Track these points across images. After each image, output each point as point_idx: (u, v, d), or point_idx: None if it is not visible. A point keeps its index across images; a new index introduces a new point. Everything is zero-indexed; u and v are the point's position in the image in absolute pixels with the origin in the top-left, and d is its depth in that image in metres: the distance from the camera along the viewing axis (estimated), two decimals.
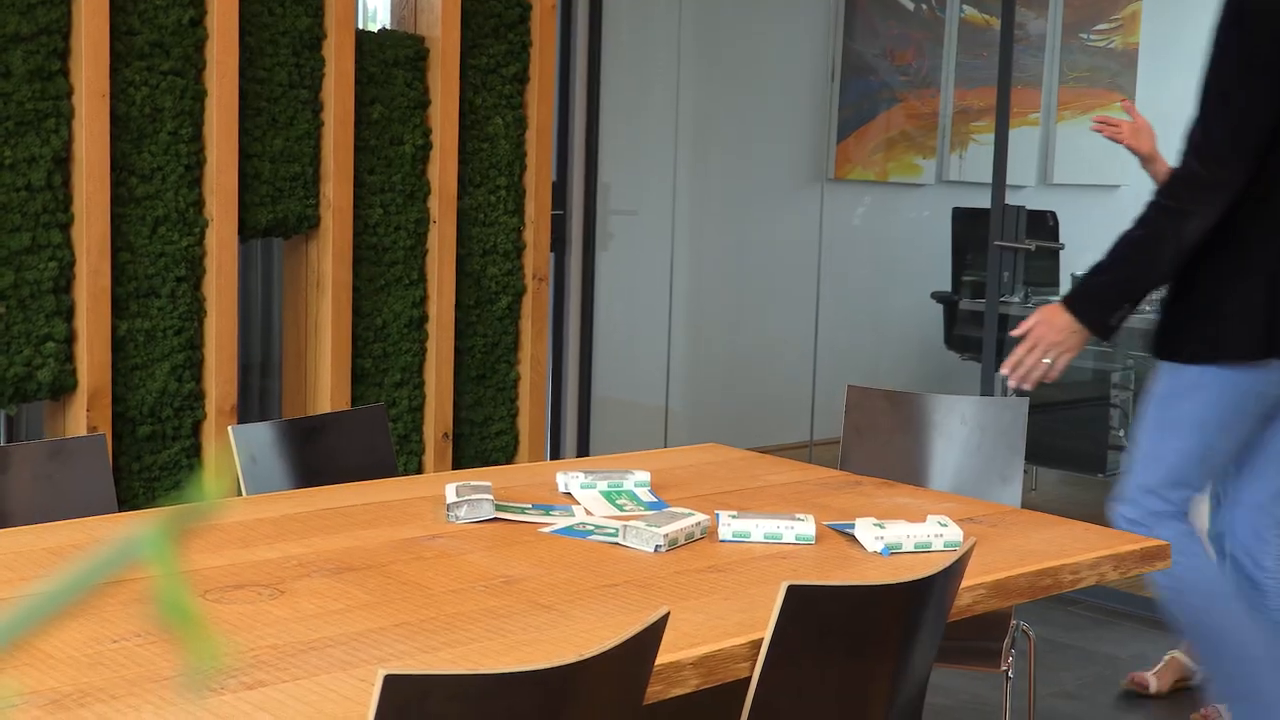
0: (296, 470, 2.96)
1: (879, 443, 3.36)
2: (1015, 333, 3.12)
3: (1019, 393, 3.14)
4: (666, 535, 2.29)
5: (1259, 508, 3.20)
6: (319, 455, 3.02)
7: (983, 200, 5.26)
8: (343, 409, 4.19)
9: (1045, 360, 3.03)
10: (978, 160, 6.81)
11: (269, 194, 4.01)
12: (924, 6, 7.09)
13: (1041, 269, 6.21)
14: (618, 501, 2.57)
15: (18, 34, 3.50)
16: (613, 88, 5.73)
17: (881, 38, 6.97)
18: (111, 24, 3.64)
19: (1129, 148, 3.51)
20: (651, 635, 1.62)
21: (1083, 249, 7.01)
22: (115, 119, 3.68)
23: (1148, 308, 3.44)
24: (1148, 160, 3.51)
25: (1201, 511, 3.42)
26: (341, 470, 2.97)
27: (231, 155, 3.88)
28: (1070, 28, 7.41)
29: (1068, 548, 2.42)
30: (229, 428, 2.90)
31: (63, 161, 3.61)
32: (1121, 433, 6.37)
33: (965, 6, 7.12)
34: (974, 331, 6.22)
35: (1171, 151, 3.15)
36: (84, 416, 3.66)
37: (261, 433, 2.97)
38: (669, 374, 6.36)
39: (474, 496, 2.46)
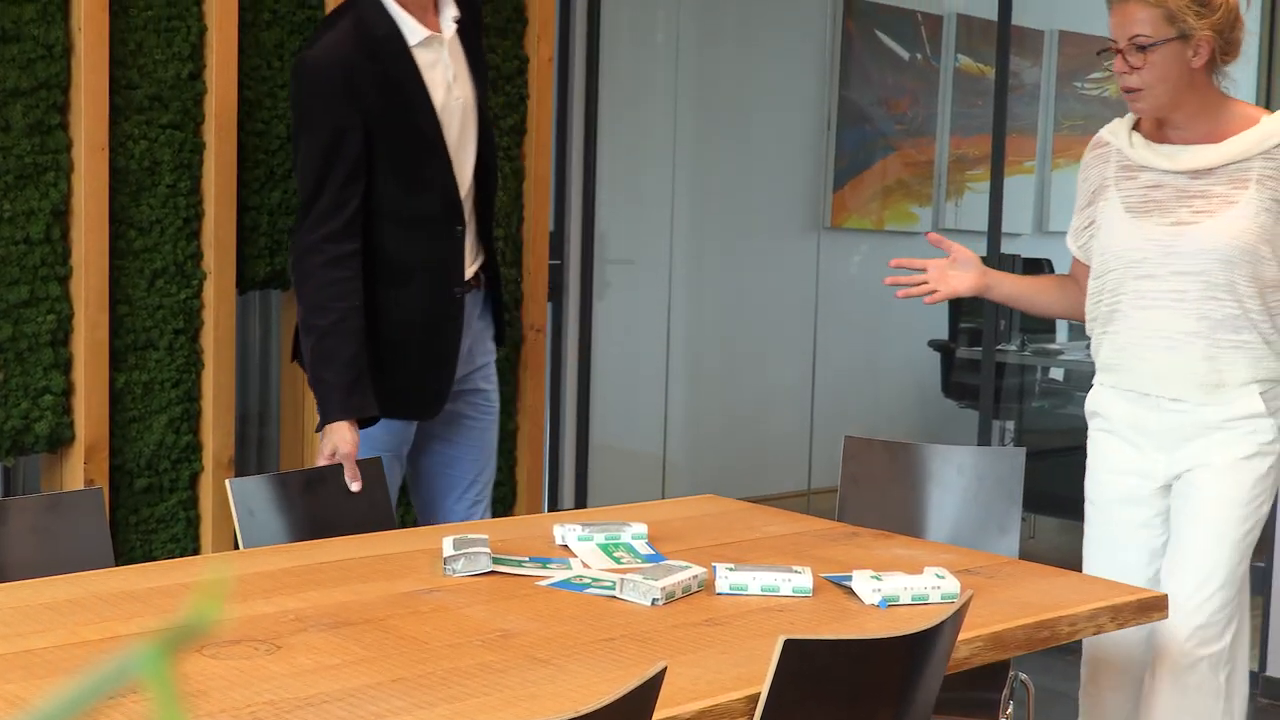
0: (294, 523, 2.95)
1: (876, 493, 3.36)
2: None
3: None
4: (663, 588, 2.29)
5: None
6: (317, 507, 3.02)
7: (979, 248, 5.27)
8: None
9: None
10: (974, 208, 6.83)
11: (267, 246, 4.02)
12: (919, 56, 7.13)
13: (1038, 317, 6.22)
14: (615, 554, 2.57)
15: (18, 88, 3.52)
16: (609, 137, 5.76)
17: (877, 87, 7.00)
18: (111, 78, 3.66)
19: (943, 299, 3.26)
20: (649, 690, 1.62)
21: None
22: (114, 172, 3.70)
23: None
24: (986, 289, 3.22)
25: None
26: (340, 522, 2.97)
27: (230, 208, 3.89)
28: (1064, 76, 7.45)
29: (1065, 599, 2.41)
30: (226, 481, 2.91)
31: (61, 214, 3.63)
32: None
33: (960, 56, 7.15)
34: (971, 379, 6.22)
35: None
36: (81, 469, 3.66)
37: (259, 486, 2.97)
38: (666, 422, 6.36)
39: (471, 550, 2.46)
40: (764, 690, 1.82)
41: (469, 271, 3.53)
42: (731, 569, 2.39)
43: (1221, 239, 2.78)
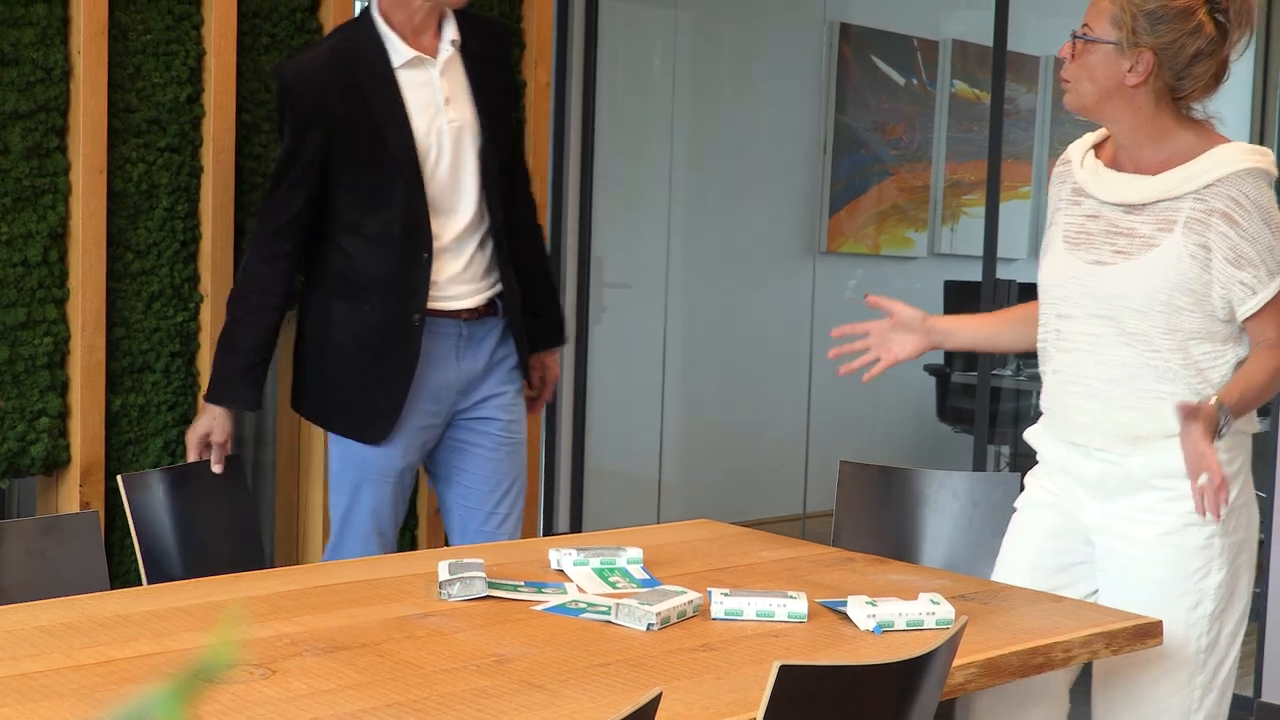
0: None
1: (872, 518, 3.37)
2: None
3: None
4: (659, 614, 2.29)
5: None
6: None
7: (974, 273, 5.29)
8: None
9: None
10: (969, 233, 6.85)
11: None
12: (915, 81, 7.16)
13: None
14: (610, 579, 2.57)
15: (16, 111, 3.53)
16: (606, 162, 5.77)
17: (873, 112, 7.03)
18: (109, 101, 3.67)
19: (885, 368, 3.07)
20: (644, 716, 1.62)
21: None
22: (112, 195, 3.71)
23: None
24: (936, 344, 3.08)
25: None
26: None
27: (227, 231, 3.90)
28: (1060, 101, 7.45)
29: (1060, 625, 2.42)
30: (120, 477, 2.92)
31: (59, 237, 3.63)
32: None
33: (956, 81, 7.18)
34: (966, 404, 6.23)
35: None
36: (77, 492, 3.66)
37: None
38: (662, 446, 6.36)
39: (466, 574, 2.46)
40: (759, 716, 1.82)
41: (469, 301, 3.49)
42: (727, 594, 2.40)
43: (1133, 285, 2.57)
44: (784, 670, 1.79)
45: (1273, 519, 4.42)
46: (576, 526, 5.71)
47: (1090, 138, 2.77)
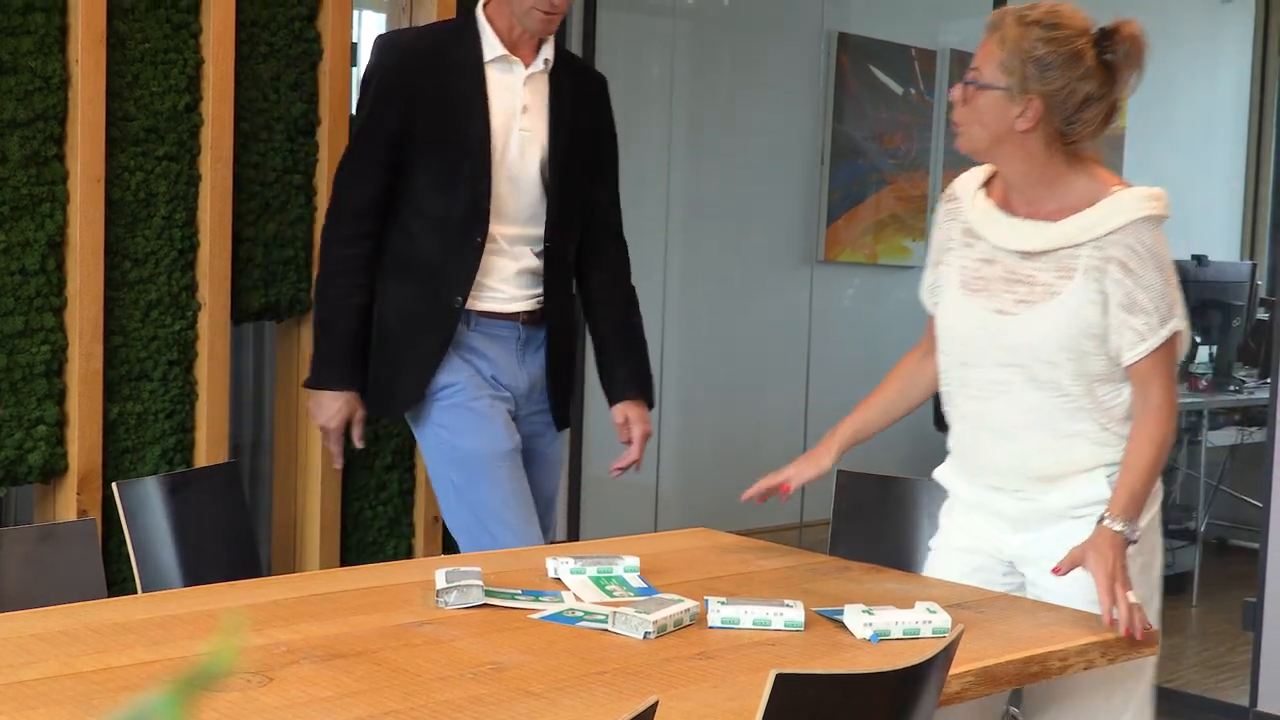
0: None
1: (868, 527, 3.37)
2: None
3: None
4: (655, 622, 2.30)
5: None
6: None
7: None
8: (332, 489, 4.19)
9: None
10: None
11: (262, 278, 4.04)
12: (912, 91, 7.17)
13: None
14: (607, 587, 2.57)
15: (14, 120, 3.53)
16: None
17: (870, 121, 7.04)
18: (108, 110, 3.68)
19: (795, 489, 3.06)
20: None
21: None
22: (110, 203, 3.71)
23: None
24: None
25: None
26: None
27: (225, 240, 3.90)
28: None
29: (1056, 634, 2.42)
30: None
31: (57, 246, 3.64)
32: None
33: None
34: None
35: None
36: (74, 500, 3.66)
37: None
38: (659, 455, 6.37)
39: (463, 582, 2.46)
40: None
41: (524, 305, 3.49)
42: (723, 603, 2.40)
43: (1041, 335, 2.57)
44: (780, 679, 1.79)
45: (1269, 530, 4.43)
46: (574, 535, 5.71)
47: (978, 174, 2.75)
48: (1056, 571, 2.52)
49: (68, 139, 3.63)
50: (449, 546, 4.48)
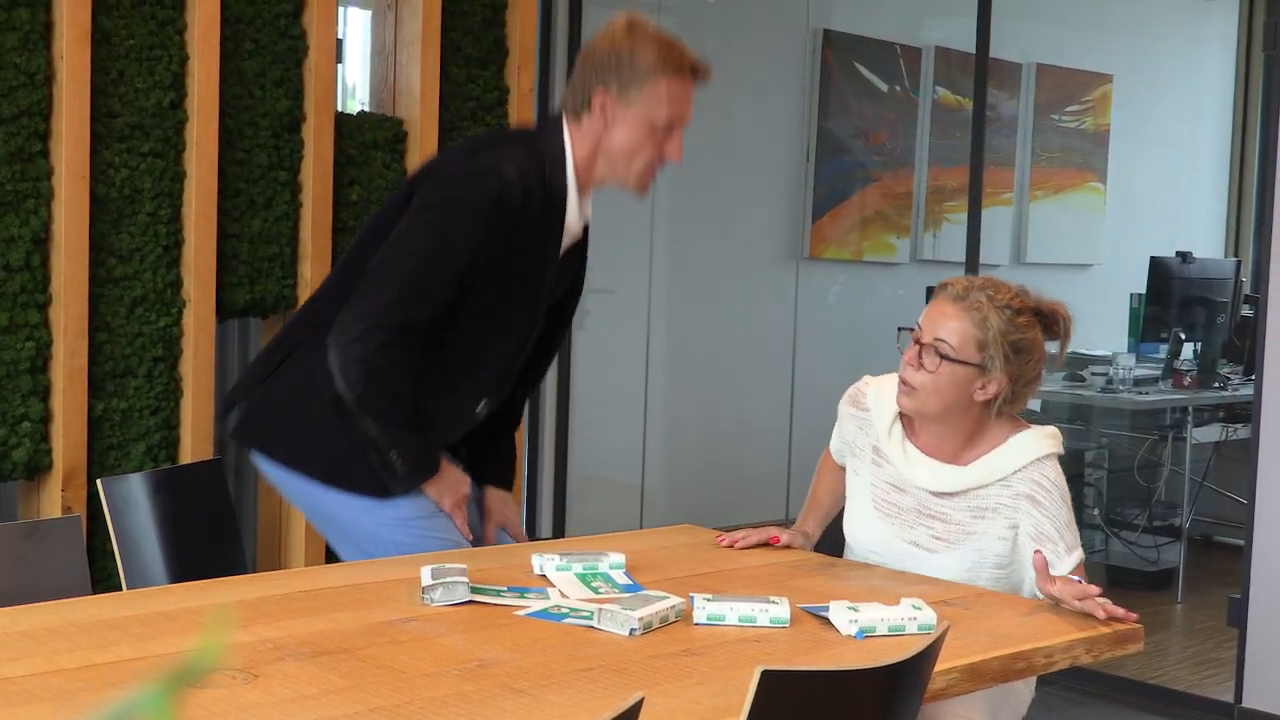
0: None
1: None
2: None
3: None
4: (641, 619, 2.30)
5: None
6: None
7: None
8: None
9: None
10: (952, 239, 6.86)
11: (247, 274, 4.03)
12: (898, 88, 7.18)
13: None
14: (593, 584, 2.57)
15: None
16: None
17: (856, 118, 7.04)
18: (92, 106, 3.67)
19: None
20: None
21: None
22: (95, 200, 3.70)
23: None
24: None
25: None
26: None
27: (210, 236, 3.90)
28: (1042, 109, 7.49)
29: (1041, 630, 2.43)
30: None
31: (41, 242, 3.63)
32: (1096, 511, 6.39)
33: (938, 88, 7.20)
34: None
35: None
36: (59, 496, 3.65)
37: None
38: (645, 452, 6.37)
39: (449, 579, 2.46)
40: None
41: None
42: (709, 599, 2.40)
43: (954, 573, 2.74)
44: (766, 675, 1.80)
45: (1253, 526, 4.44)
46: (559, 532, 5.71)
47: (889, 400, 2.82)
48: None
49: (52, 135, 3.62)
50: None
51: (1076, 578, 2.59)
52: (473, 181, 2.90)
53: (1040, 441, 2.76)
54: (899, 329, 2.83)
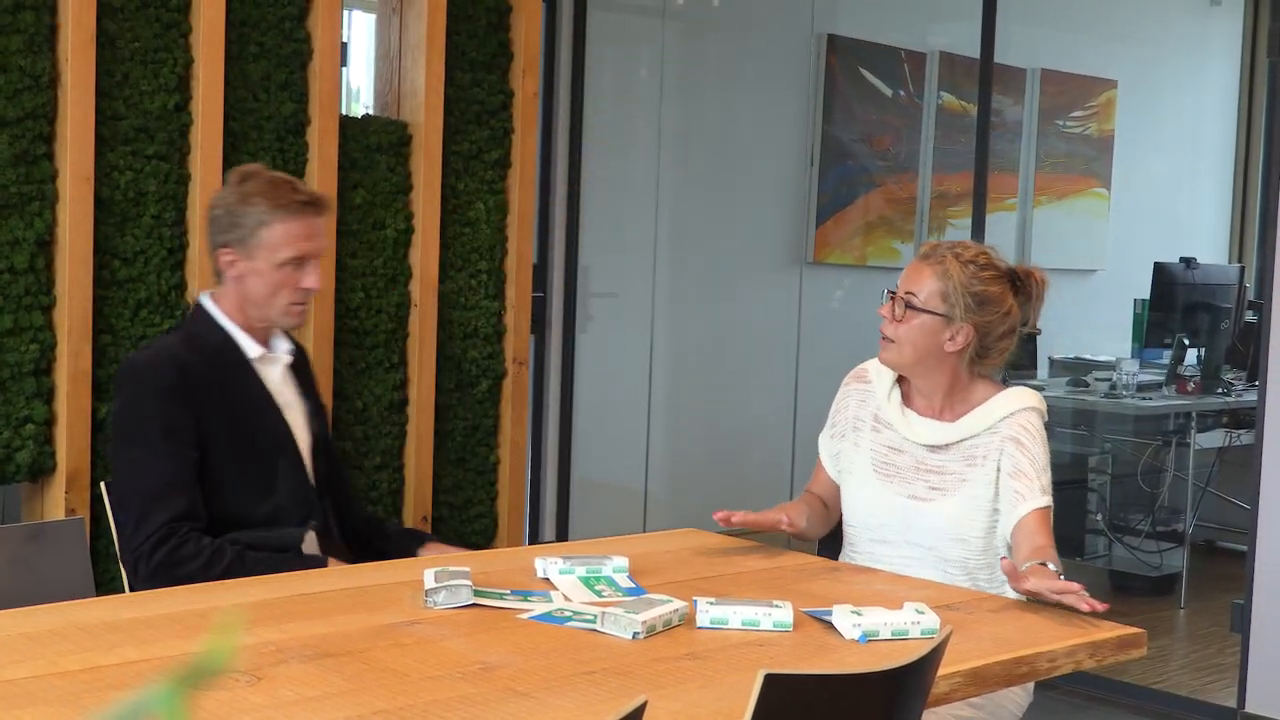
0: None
1: None
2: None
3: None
4: (644, 622, 2.30)
5: None
6: None
7: None
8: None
9: None
10: None
11: None
12: (902, 93, 7.18)
13: (1018, 353, 6.24)
14: (596, 587, 2.57)
15: (3, 118, 3.53)
16: (593, 171, 5.78)
17: (860, 123, 7.04)
18: (97, 109, 3.67)
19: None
20: None
21: (1059, 333, 7.06)
22: (99, 202, 3.71)
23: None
24: None
25: None
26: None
27: None
28: (1046, 114, 7.49)
29: (1044, 635, 2.43)
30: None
31: (46, 244, 3.63)
32: (1099, 517, 6.39)
33: (943, 93, 7.20)
34: None
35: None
36: (62, 499, 3.65)
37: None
38: (648, 456, 6.37)
39: (452, 582, 2.46)
40: None
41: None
42: (712, 603, 2.40)
43: (955, 518, 2.91)
44: (769, 679, 1.80)
45: (1256, 532, 4.44)
46: (563, 536, 5.71)
47: (888, 371, 3.06)
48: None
49: (57, 138, 3.63)
50: None
51: (1054, 567, 2.64)
52: (120, 391, 3.07)
53: (1024, 396, 2.98)
54: (884, 290, 3.05)
